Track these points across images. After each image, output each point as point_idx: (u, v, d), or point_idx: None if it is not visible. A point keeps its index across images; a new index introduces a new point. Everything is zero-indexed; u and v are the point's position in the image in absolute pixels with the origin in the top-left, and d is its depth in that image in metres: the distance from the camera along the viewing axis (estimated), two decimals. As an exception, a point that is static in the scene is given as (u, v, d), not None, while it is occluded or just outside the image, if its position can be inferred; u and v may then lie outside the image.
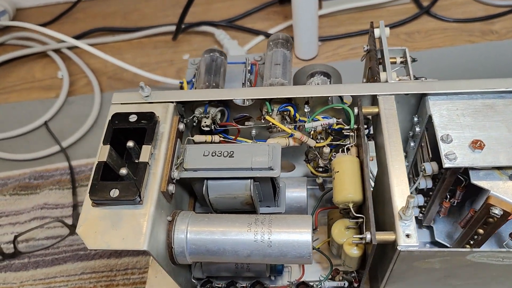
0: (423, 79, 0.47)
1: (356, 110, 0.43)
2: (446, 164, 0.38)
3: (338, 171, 0.41)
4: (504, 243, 0.46)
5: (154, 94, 0.45)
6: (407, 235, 0.35)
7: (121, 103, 0.45)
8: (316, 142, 0.47)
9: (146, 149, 0.41)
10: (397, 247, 0.34)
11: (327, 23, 0.93)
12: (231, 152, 0.43)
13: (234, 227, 0.41)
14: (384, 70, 0.45)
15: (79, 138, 0.82)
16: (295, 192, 0.50)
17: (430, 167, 0.42)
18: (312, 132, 0.47)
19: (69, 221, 0.71)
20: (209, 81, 0.49)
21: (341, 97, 0.46)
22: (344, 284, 0.48)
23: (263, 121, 0.47)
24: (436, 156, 0.42)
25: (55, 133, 0.83)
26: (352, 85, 0.43)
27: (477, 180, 0.39)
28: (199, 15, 0.96)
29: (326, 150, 0.46)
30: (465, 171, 0.40)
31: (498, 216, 0.38)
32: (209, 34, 0.95)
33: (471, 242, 0.44)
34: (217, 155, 0.43)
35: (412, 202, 0.33)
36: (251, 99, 0.46)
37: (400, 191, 0.37)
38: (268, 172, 0.42)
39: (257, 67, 0.57)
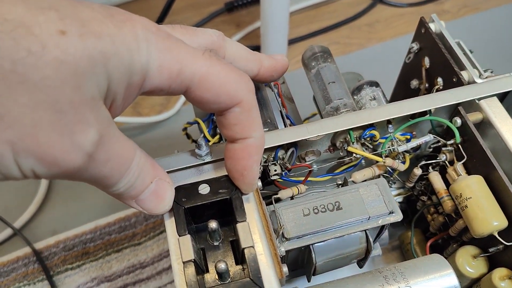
0: (490, 71, 0.43)
1: (459, 121, 0.37)
2: None
3: (471, 197, 0.34)
4: None
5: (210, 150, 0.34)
6: None
7: (173, 170, 0.33)
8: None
9: (243, 228, 0.30)
10: None
11: (284, 25, 0.86)
12: (337, 204, 0.34)
13: (368, 295, 0.33)
14: (462, 69, 0.40)
15: (34, 213, 0.65)
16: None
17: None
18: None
19: (57, 323, 0.55)
20: (263, 117, 0.39)
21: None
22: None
23: (333, 153, 0.39)
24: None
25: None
26: (445, 93, 0.37)
27: None
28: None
29: (418, 171, 0.40)
30: None
31: None
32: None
33: None
34: (321, 211, 0.33)
35: None
36: (326, 131, 0.37)
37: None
38: (391, 217, 0.34)
39: (279, 88, 0.48)
